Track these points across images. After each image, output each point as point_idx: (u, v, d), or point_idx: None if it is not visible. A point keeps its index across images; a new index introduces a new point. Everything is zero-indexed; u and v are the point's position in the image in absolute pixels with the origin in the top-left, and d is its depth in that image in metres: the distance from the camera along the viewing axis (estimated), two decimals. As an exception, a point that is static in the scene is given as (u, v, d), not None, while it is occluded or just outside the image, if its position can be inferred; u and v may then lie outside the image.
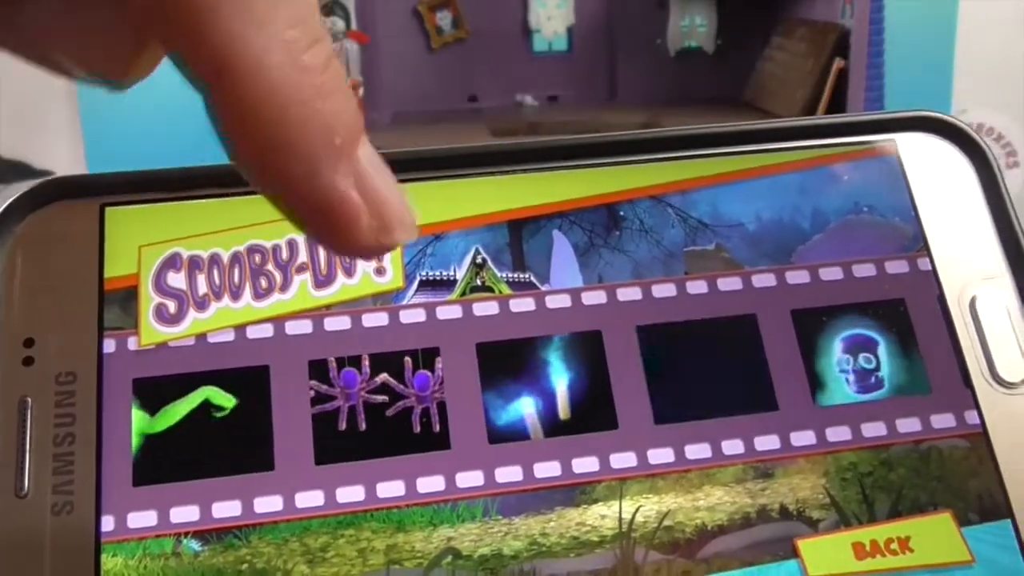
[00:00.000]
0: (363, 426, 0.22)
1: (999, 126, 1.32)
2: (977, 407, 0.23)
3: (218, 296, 0.22)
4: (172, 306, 0.22)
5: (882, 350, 0.23)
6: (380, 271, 0.23)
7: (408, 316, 0.23)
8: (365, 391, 0.22)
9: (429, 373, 0.22)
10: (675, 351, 0.23)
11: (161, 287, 0.22)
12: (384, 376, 0.22)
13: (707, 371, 0.23)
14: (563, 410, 0.22)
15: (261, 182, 0.14)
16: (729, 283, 0.23)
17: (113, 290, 0.22)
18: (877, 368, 0.23)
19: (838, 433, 0.22)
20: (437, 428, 0.22)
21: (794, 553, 0.21)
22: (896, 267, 0.24)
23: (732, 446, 0.22)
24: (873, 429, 0.23)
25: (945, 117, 0.25)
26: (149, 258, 0.22)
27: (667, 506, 0.21)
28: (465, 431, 0.22)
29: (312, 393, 0.22)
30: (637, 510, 0.21)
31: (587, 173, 0.24)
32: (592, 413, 0.22)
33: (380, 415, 0.22)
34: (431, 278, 0.23)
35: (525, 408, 0.22)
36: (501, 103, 1.11)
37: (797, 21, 0.99)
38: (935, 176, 0.25)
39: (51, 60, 0.16)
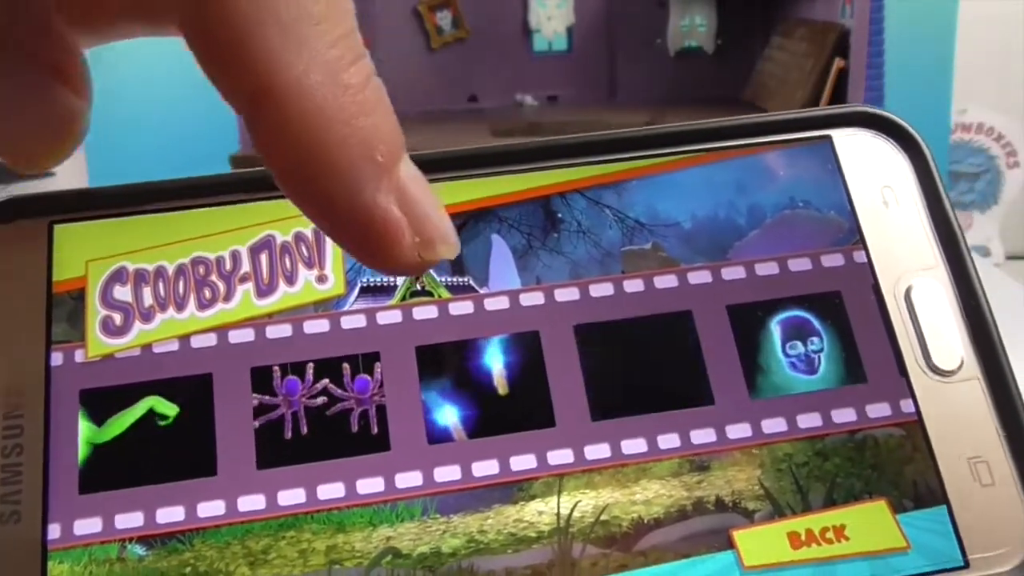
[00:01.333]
0: (304, 430, 0.22)
1: (999, 126, 1.31)
2: (912, 395, 0.23)
3: (163, 307, 0.23)
4: (118, 318, 0.23)
5: (818, 342, 0.24)
6: (322, 279, 0.23)
7: (349, 322, 0.23)
8: (306, 396, 0.22)
9: (369, 377, 0.22)
10: (612, 349, 0.23)
11: (108, 300, 0.23)
12: (325, 381, 0.22)
13: (644, 367, 0.23)
14: (501, 409, 0.23)
15: (301, 200, 0.14)
16: (665, 281, 0.24)
17: (61, 304, 0.23)
18: (813, 360, 0.24)
19: (773, 425, 0.23)
20: (376, 430, 0.22)
21: (730, 544, 0.22)
22: (832, 260, 0.24)
23: (668, 440, 0.22)
24: (809, 420, 0.23)
25: (880, 112, 0.26)
26: (96, 272, 0.23)
27: (604, 501, 0.22)
28: (404, 432, 0.22)
29: (254, 399, 0.22)
30: (575, 506, 0.22)
31: (524, 177, 0.24)
32: (530, 411, 0.23)
33: (321, 419, 0.22)
34: (372, 284, 0.23)
35: (464, 408, 0.22)
36: (501, 103, 1.12)
37: (797, 21, 0.99)
38: (870, 170, 0.25)
39: None
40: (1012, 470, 0.22)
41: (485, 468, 0.22)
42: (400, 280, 0.24)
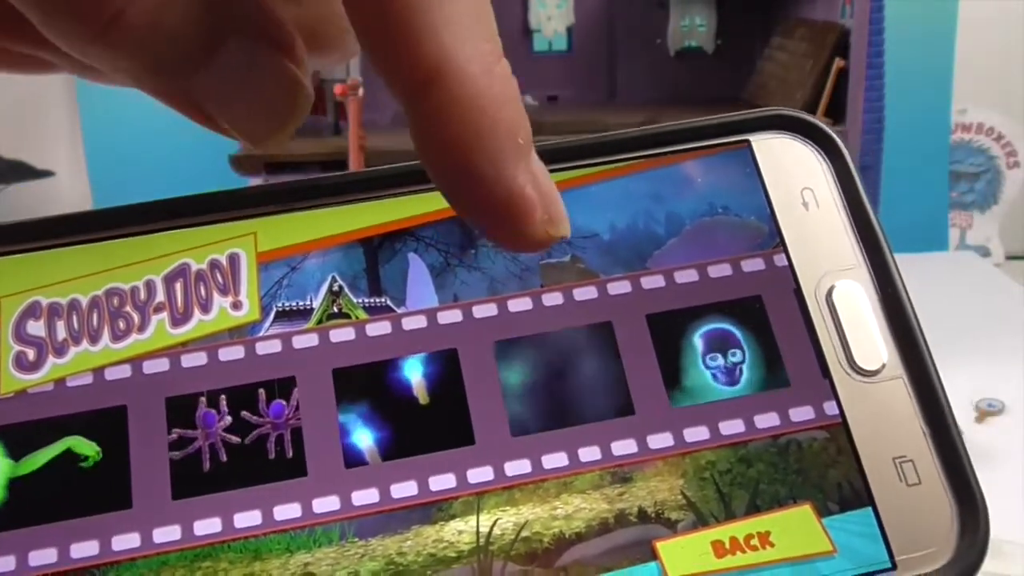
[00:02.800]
0: (221, 458, 0.22)
1: (999, 126, 1.31)
2: (836, 397, 0.23)
3: (77, 341, 0.23)
4: (31, 353, 0.22)
5: (739, 348, 0.24)
6: (236, 305, 0.23)
7: (264, 347, 0.23)
8: (221, 424, 0.22)
9: (285, 402, 0.22)
10: (532, 363, 0.23)
11: (21, 336, 0.23)
12: (240, 407, 0.22)
13: (564, 381, 0.23)
14: (421, 428, 0.22)
15: (451, 181, 0.16)
16: (584, 292, 0.24)
17: (-26, 342, 0.22)
18: (735, 366, 0.23)
19: (695, 433, 0.23)
20: (292, 455, 0.22)
21: (653, 555, 0.21)
22: (752, 265, 0.24)
23: (589, 453, 0.22)
24: (731, 427, 0.23)
25: (798, 114, 0.26)
26: (9, 308, 0.23)
27: (524, 517, 0.22)
28: (321, 457, 0.22)
29: (169, 430, 0.22)
30: (495, 523, 0.22)
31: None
32: (449, 430, 0.22)
33: (236, 447, 0.22)
34: (287, 309, 0.23)
35: (382, 429, 0.22)
36: None
37: (797, 21, 1.00)
38: (789, 173, 0.25)
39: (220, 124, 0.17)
40: (938, 468, 0.22)
41: (403, 489, 0.22)
42: (316, 303, 0.23)
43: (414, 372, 0.23)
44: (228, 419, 0.22)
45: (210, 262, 0.23)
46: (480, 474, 0.22)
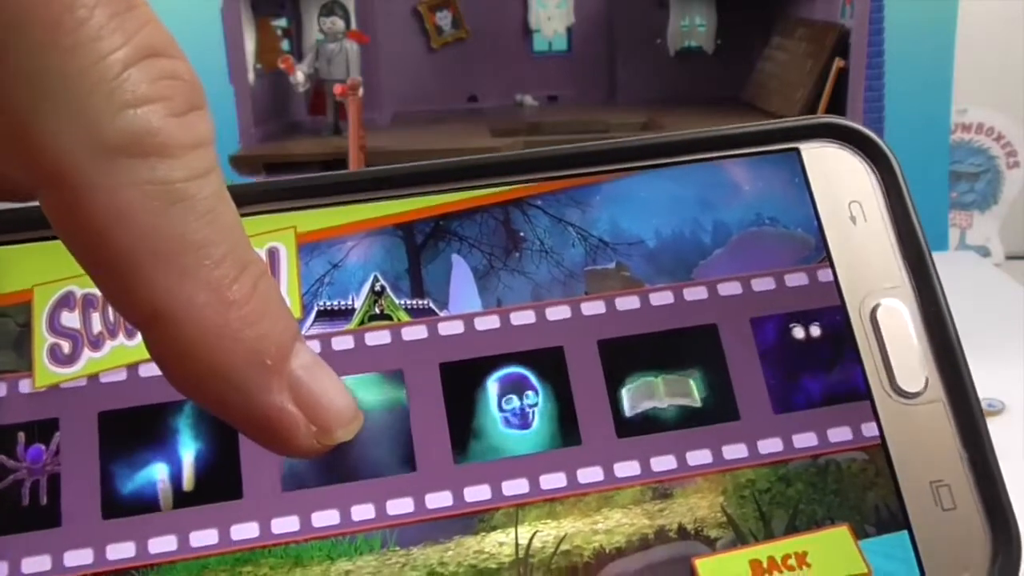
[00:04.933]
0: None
1: (999, 126, 1.31)
2: (876, 418, 0.23)
3: (113, 334, 0.22)
4: (66, 346, 0.22)
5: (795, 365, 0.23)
6: (277, 302, 0.23)
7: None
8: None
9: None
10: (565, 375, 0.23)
11: (56, 327, 0.22)
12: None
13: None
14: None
15: (202, 405, 0.15)
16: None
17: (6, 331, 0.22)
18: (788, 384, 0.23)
19: (735, 451, 0.23)
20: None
21: (691, 573, 0.22)
22: (796, 279, 0.24)
23: (629, 467, 0.22)
24: (770, 446, 0.23)
25: (849, 124, 0.25)
26: (43, 298, 0.22)
27: (564, 530, 0.22)
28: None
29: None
30: (534, 535, 0.22)
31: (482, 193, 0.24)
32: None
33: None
34: (328, 308, 0.23)
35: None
36: (501, 103, 1.11)
37: (797, 21, 0.99)
38: (838, 184, 0.25)
39: None
40: (974, 494, 0.22)
41: (328, 518, 0.22)
42: (359, 303, 0.23)
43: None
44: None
45: (249, 256, 0.23)
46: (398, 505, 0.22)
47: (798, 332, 0.24)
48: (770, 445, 0.23)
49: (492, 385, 0.23)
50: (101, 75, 0.14)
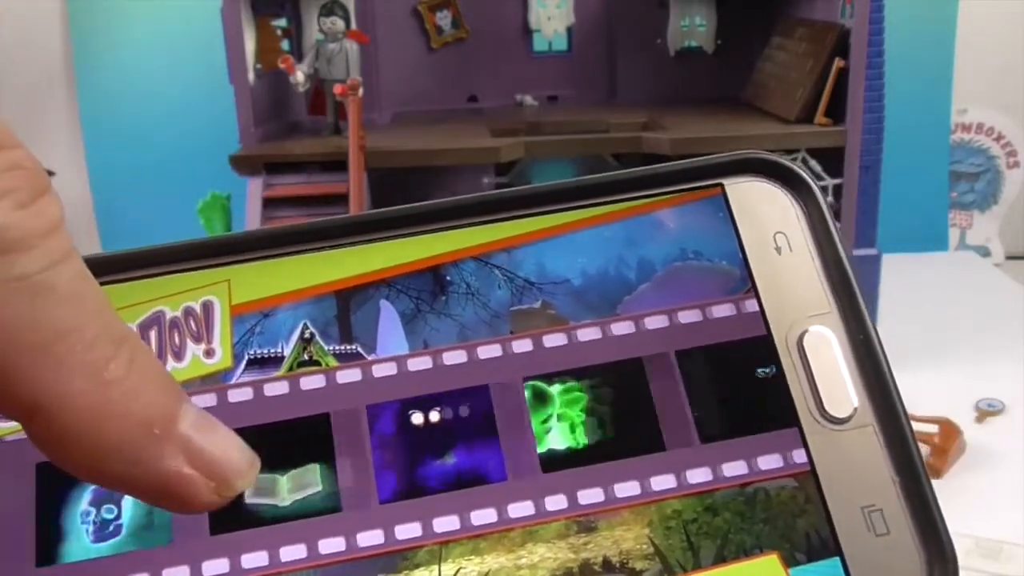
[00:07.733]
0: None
1: (999, 126, 1.30)
2: (805, 445, 0.23)
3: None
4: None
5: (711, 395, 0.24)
6: (209, 352, 0.23)
7: (235, 395, 0.23)
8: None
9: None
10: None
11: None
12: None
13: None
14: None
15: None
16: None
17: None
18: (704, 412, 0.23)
19: (662, 482, 0.23)
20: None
21: (618, 605, 0.21)
22: (722, 310, 0.24)
23: (555, 501, 0.22)
24: (698, 475, 0.23)
25: (771, 158, 0.26)
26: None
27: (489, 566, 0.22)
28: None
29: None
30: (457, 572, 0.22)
31: (413, 241, 0.24)
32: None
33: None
34: (259, 356, 0.24)
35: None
36: (501, 103, 1.13)
37: (797, 21, 1.00)
38: (762, 217, 0.25)
39: None
40: (907, 517, 0.22)
41: (371, 537, 0.22)
42: (287, 351, 0.24)
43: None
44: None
45: (184, 309, 0.24)
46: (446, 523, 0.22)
47: (724, 362, 0.24)
48: (698, 475, 0.23)
49: (416, 424, 0.23)
50: None
